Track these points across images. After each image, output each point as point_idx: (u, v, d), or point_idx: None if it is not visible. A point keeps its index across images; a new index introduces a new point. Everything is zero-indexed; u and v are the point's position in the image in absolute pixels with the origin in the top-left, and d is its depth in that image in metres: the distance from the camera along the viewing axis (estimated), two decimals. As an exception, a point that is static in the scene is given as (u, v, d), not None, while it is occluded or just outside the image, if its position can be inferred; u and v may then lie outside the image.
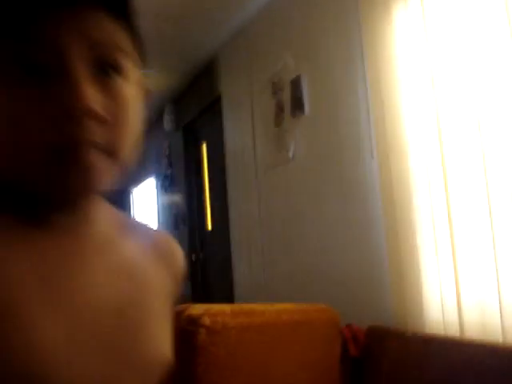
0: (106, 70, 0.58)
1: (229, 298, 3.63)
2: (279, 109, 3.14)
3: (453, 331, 1.90)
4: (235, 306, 1.73)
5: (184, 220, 4.75)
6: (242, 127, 3.64)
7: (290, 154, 3.01)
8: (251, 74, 3.52)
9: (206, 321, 1.56)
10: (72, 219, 0.63)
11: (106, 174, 0.59)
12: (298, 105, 2.94)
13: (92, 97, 0.55)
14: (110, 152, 0.58)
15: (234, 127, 3.81)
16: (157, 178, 5.61)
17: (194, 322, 1.55)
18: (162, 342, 0.68)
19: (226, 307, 1.68)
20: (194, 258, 4.46)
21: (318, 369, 1.94)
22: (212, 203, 4.42)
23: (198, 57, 4.12)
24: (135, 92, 0.62)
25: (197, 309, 1.58)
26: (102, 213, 0.68)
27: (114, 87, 0.59)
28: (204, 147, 4.58)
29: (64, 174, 0.56)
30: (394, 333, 2.04)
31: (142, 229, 0.76)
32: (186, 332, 1.54)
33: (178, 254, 0.77)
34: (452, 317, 1.92)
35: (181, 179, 4.83)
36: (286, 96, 3.04)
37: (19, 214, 0.59)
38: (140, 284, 0.67)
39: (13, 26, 0.55)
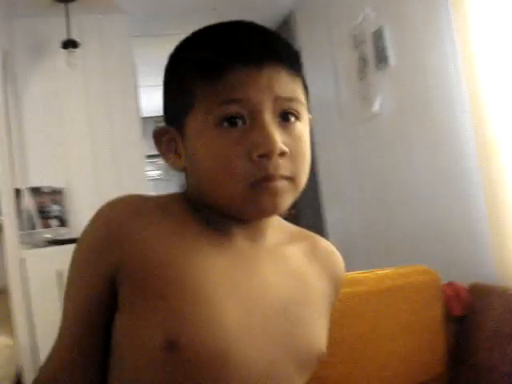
0: (286, 116, 0.75)
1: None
2: (362, 62, 3.08)
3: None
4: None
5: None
6: (324, 82, 3.59)
7: (377, 108, 2.96)
8: (330, 27, 3.45)
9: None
10: (251, 231, 0.80)
11: (288, 197, 0.76)
12: (381, 57, 2.86)
13: (280, 139, 0.72)
14: (292, 179, 0.75)
15: (315, 82, 3.77)
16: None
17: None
18: (318, 338, 0.82)
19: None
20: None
21: (423, 330, 1.94)
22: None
23: (275, 12, 4.08)
24: (306, 129, 0.78)
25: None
26: (273, 224, 0.83)
27: (293, 129, 0.75)
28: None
29: (259, 199, 0.73)
30: (499, 290, 2.01)
31: (307, 237, 0.90)
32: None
33: (339, 263, 0.91)
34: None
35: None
36: (369, 49, 2.97)
37: (211, 225, 0.78)
38: (304, 286, 0.82)
39: (211, 86, 0.72)
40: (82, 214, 3.52)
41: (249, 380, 0.73)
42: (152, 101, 4.16)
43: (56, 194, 3.42)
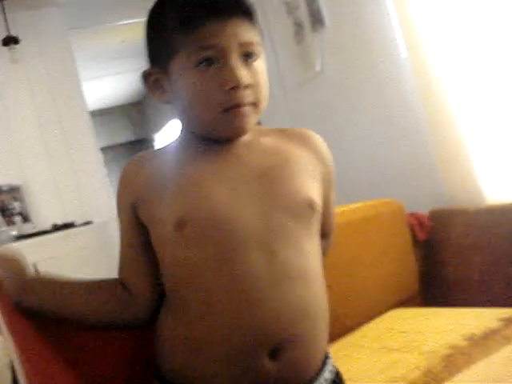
0: (248, 56, 0.94)
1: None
2: (298, 26, 3.23)
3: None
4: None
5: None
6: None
7: (318, 68, 3.13)
8: (261, -2, 3.58)
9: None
10: (233, 141, 0.99)
11: (252, 120, 0.96)
12: (317, 19, 3.03)
13: (244, 75, 0.92)
14: (255, 104, 0.95)
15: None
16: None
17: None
18: (304, 188, 0.98)
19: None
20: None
21: (396, 255, 2.13)
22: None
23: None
24: (264, 64, 0.98)
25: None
26: (251, 133, 1.01)
27: (254, 65, 0.95)
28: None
29: (231, 121, 0.94)
30: (457, 210, 2.22)
31: (282, 130, 1.07)
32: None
33: (317, 140, 1.07)
34: (508, 185, 2.11)
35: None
36: (303, 13, 3.13)
37: (196, 148, 1.00)
38: (281, 155, 1.00)
39: (188, 36, 0.92)
40: (42, 207, 3.56)
41: (251, 234, 0.91)
42: (98, 93, 4.19)
43: (15, 191, 3.44)
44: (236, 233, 0.91)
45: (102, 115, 6.44)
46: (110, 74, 5.66)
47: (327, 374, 0.99)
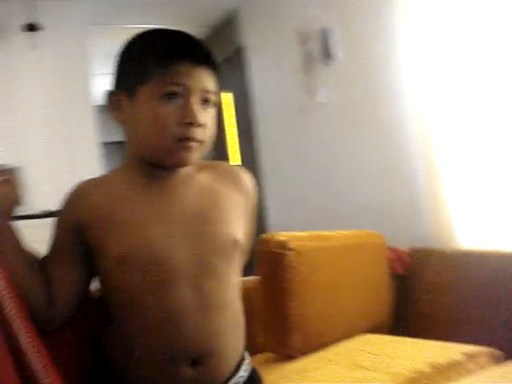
0: (205, 102, 1.11)
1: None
2: (308, 57, 3.40)
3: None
4: (310, 233, 2.04)
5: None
6: (270, 76, 3.89)
7: (321, 99, 3.28)
8: (276, 24, 3.75)
9: (292, 244, 1.89)
10: (173, 173, 1.15)
11: (197, 154, 1.12)
12: (327, 53, 3.19)
13: (200, 115, 1.08)
14: (202, 142, 1.11)
15: (261, 76, 4.06)
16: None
17: (283, 245, 1.87)
18: (229, 227, 1.15)
19: (303, 233, 2.00)
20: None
21: (374, 284, 2.26)
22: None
23: (219, 8, 4.33)
24: (214, 112, 1.15)
25: (282, 235, 1.91)
26: (191, 167, 1.17)
27: (207, 110, 1.12)
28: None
29: (179, 153, 1.09)
30: (436, 251, 2.37)
31: (215, 166, 1.24)
32: (276, 254, 1.86)
33: (245, 179, 1.25)
34: (486, 234, 2.27)
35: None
36: (315, 45, 3.29)
37: (141, 176, 1.15)
38: (213, 197, 1.16)
39: (164, 71, 1.07)
40: (36, 192, 3.64)
41: (181, 270, 1.08)
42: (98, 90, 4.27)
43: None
44: (169, 268, 1.08)
45: (101, 112, 6.53)
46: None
47: (242, 373, 1.20)
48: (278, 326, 1.92)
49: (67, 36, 3.85)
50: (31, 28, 3.44)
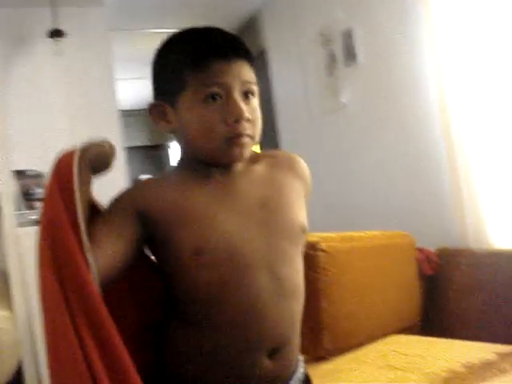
0: (247, 95, 1.08)
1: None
2: (331, 59, 3.40)
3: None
4: (340, 234, 2.05)
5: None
6: (292, 78, 3.90)
7: (344, 100, 3.29)
8: (298, 26, 3.76)
9: (323, 245, 1.90)
10: (229, 168, 1.13)
11: (249, 150, 1.10)
12: (350, 55, 3.20)
13: (245, 110, 1.05)
14: (252, 137, 1.08)
15: (283, 78, 4.08)
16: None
17: (314, 246, 1.89)
18: (298, 216, 1.13)
19: (334, 235, 2.01)
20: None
21: (402, 285, 2.27)
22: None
23: (240, 12, 4.35)
24: (257, 100, 1.12)
25: (314, 236, 1.92)
26: (248, 159, 1.15)
27: (251, 103, 1.09)
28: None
29: (232, 150, 1.07)
30: (464, 251, 2.37)
31: (268, 154, 1.21)
32: (307, 255, 1.86)
33: (302, 165, 1.22)
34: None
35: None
36: (338, 47, 3.30)
37: (200, 174, 1.12)
38: (275, 185, 1.14)
39: (199, 74, 1.06)
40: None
41: (258, 259, 1.06)
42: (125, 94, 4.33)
43: (39, 177, 3.57)
44: (246, 258, 1.06)
45: (124, 116, 6.59)
46: (135, 78, 5.80)
47: (301, 369, 1.19)
48: (309, 327, 1.93)
49: (90, 42, 3.88)
50: (56, 34, 3.48)
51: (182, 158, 1.17)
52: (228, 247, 1.05)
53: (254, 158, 1.17)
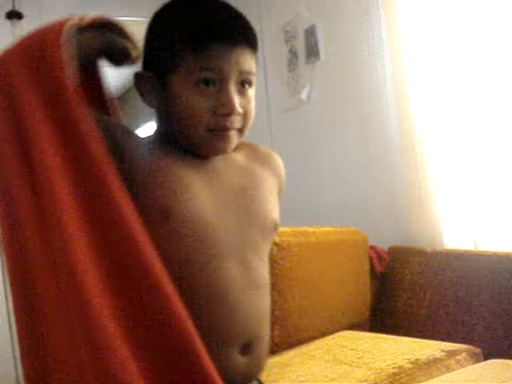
0: (244, 84, 1.01)
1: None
2: (293, 55, 3.40)
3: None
4: (293, 228, 2.05)
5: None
6: (253, 73, 3.89)
7: (304, 97, 3.29)
8: (261, 22, 3.74)
9: (276, 239, 1.90)
10: (214, 158, 1.07)
11: (235, 142, 1.04)
12: (312, 52, 3.20)
13: (238, 104, 0.98)
14: (240, 130, 1.03)
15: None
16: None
17: (267, 240, 1.88)
18: (271, 209, 1.10)
19: (287, 229, 2.01)
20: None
21: (354, 282, 2.28)
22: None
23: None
24: (253, 90, 1.04)
25: (267, 230, 1.91)
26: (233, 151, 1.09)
27: (247, 93, 1.02)
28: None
29: (215, 142, 1.01)
30: (414, 250, 2.39)
31: (249, 145, 1.17)
32: (260, 249, 1.86)
33: (279, 163, 1.19)
34: (466, 234, 2.30)
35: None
36: (300, 44, 3.30)
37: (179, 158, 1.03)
38: (253, 177, 1.09)
39: (196, 56, 0.97)
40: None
41: (229, 242, 1.00)
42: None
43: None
44: (218, 239, 0.99)
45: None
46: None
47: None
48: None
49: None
50: (14, 16, 3.39)
51: (159, 133, 1.07)
52: (200, 218, 0.98)
53: (235, 146, 1.09)
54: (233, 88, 0.98)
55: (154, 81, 1.01)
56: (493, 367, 1.50)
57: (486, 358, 1.77)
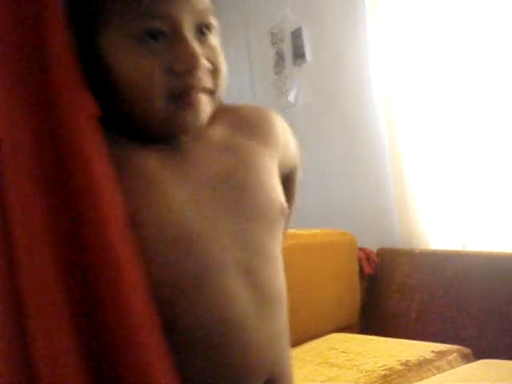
0: (203, 30, 0.75)
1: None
2: (279, 58, 3.40)
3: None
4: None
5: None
6: (239, 76, 3.88)
7: (291, 99, 3.29)
8: (248, 25, 3.74)
9: (265, 242, 1.88)
10: (184, 139, 0.79)
11: (208, 112, 0.76)
12: (299, 54, 3.19)
13: (201, 54, 0.72)
14: (212, 92, 0.75)
15: (230, 76, 4.03)
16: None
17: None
18: (270, 190, 0.82)
19: (276, 231, 2.00)
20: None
21: (343, 284, 2.28)
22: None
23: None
24: (218, 41, 0.78)
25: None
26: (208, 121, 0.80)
27: (209, 41, 0.75)
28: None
29: (181, 114, 0.73)
30: (403, 251, 2.39)
31: (231, 111, 0.87)
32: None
33: (273, 124, 0.90)
34: (454, 234, 2.30)
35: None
36: (287, 46, 3.29)
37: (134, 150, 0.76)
38: (242, 155, 0.82)
39: (139, 4, 0.70)
40: None
41: (225, 251, 0.74)
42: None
43: None
44: (208, 250, 0.73)
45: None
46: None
47: None
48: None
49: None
50: None
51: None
52: (175, 224, 0.72)
53: (210, 117, 0.79)
54: (189, 35, 0.72)
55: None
56: (483, 367, 1.50)
57: (476, 358, 1.76)
